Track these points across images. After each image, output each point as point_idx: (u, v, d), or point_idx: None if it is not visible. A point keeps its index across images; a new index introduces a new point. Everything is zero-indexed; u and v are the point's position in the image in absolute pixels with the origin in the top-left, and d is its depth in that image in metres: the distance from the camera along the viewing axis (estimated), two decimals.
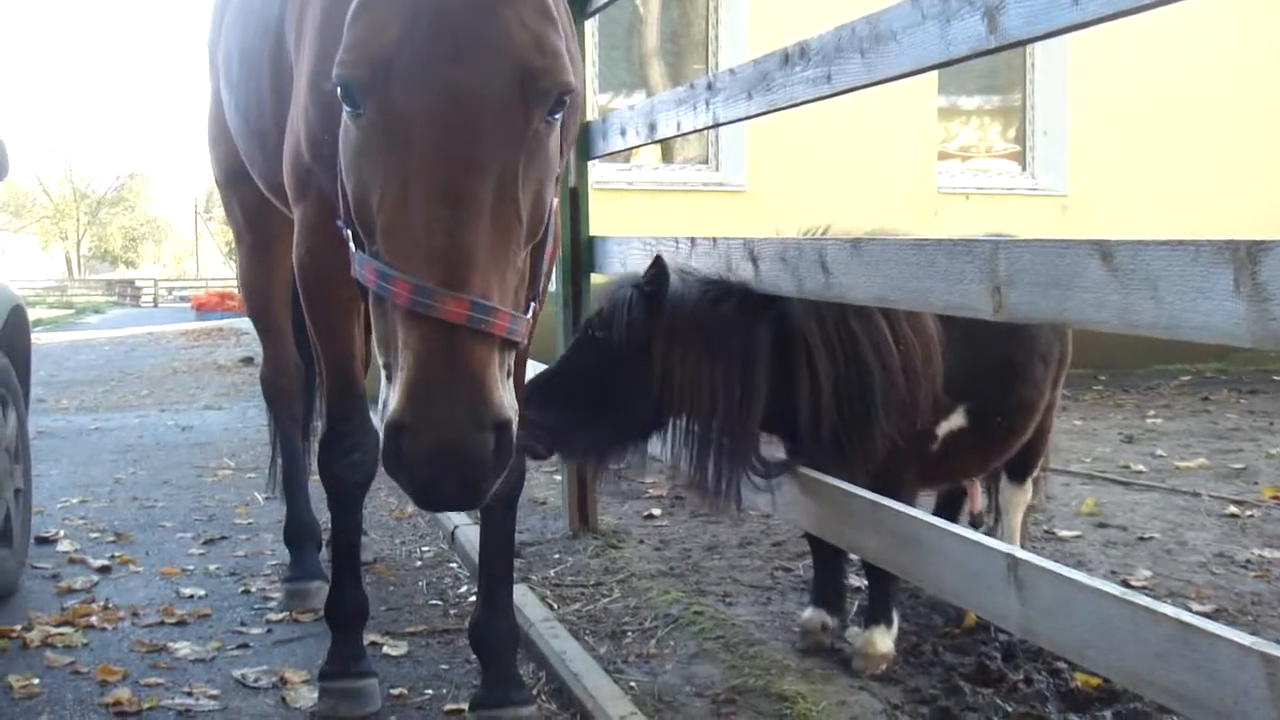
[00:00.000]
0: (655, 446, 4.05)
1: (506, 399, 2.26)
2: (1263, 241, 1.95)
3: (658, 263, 3.83)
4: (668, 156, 12.15)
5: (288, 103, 3.69)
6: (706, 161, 12.07)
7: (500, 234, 2.28)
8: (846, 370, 3.79)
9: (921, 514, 3.25)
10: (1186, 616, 2.28)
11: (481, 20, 2.24)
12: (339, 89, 2.30)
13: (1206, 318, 2.06)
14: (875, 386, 3.79)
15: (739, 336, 3.78)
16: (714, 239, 4.10)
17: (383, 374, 2.36)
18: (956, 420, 4.13)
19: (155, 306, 53.65)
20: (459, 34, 2.22)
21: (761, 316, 3.81)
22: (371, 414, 3.55)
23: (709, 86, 4.19)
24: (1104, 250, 2.30)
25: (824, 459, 3.82)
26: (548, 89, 2.30)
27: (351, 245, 2.41)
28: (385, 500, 7.08)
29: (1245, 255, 1.97)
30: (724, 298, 3.85)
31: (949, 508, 4.98)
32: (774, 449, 4.02)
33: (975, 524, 4.96)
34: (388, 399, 2.26)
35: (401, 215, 2.23)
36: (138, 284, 63.40)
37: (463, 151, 2.22)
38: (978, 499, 5.11)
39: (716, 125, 4.27)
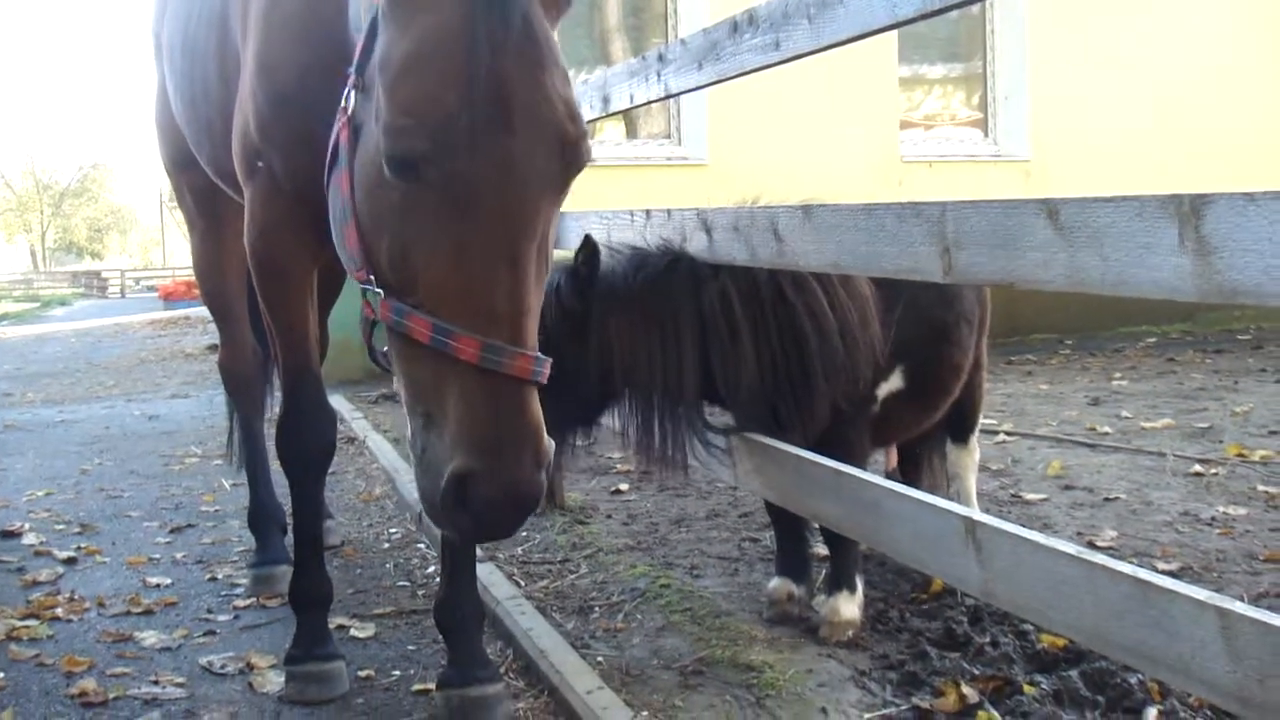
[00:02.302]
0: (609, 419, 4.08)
1: None
2: (1205, 195, 1.94)
3: (587, 242, 3.85)
4: (631, 132, 12.12)
5: (235, 90, 3.67)
6: (669, 136, 12.04)
7: (539, 287, 2.43)
8: (780, 337, 3.83)
9: (880, 479, 3.25)
10: (1143, 574, 2.28)
11: (529, 89, 2.31)
12: (389, 154, 2.30)
13: (1152, 273, 2.05)
14: (812, 352, 3.82)
15: (666, 302, 3.82)
16: (668, 210, 4.08)
17: (415, 419, 2.42)
18: (895, 382, 4.19)
19: (122, 297, 53.27)
20: (511, 103, 2.28)
21: (687, 282, 3.85)
22: (340, 399, 3.52)
23: (660, 58, 4.17)
24: (1050, 209, 2.29)
25: (758, 425, 3.86)
26: (582, 157, 2.41)
27: (380, 291, 2.42)
28: (353, 483, 7.08)
29: (1189, 209, 1.96)
30: (646, 264, 3.89)
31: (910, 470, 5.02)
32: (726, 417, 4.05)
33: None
34: (429, 443, 2.36)
35: (461, 276, 2.30)
36: (104, 275, 62.83)
37: (520, 217, 2.31)
38: (893, 457, 5.16)
39: (669, 96, 4.25)
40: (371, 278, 2.44)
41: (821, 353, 3.83)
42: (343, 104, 2.57)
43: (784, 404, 3.87)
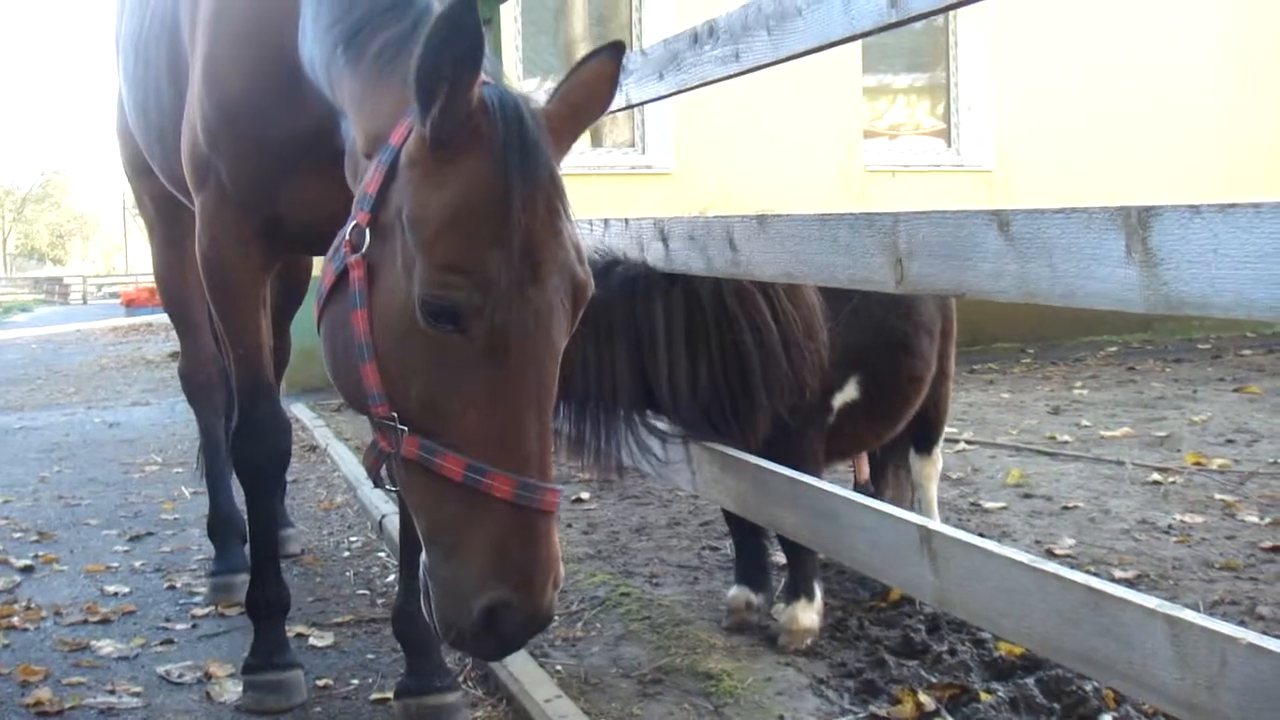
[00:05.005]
0: None
1: None
2: (1153, 207, 1.96)
3: None
4: (596, 140, 12.13)
5: (185, 97, 3.67)
6: (633, 144, 12.06)
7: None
8: (721, 348, 3.84)
9: (838, 489, 3.26)
10: (1095, 582, 2.30)
11: (553, 241, 2.39)
12: (427, 306, 2.33)
13: (1101, 284, 2.07)
14: (753, 364, 3.83)
15: (599, 308, 3.80)
16: (626, 219, 4.09)
17: (434, 549, 2.44)
18: (850, 392, 4.19)
19: (85, 303, 52.99)
20: (540, 256, 2.36)
21: (623, 288, 3.85)
22: (301, 406, 3.51)
23: (621, 67, 4.16)
24: (1001, 220, 2.30)
25: (696, 435, 3.89)
26: (589, 296, 2.51)
27: (404, 429, 2.44)
28: (313, 491, 7.05)
29: (1136, 221, 1.98)
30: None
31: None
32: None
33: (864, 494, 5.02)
34: (451, 573, 2.39)
35: (495, 420, 2.36)
36: (66, 281, 62.56)
37: (547, 362, 2.41)
38: (864, 470, 5.17)
39: (629, 106, 4.26)
40: (394, 415, 2.45)
41: (764, 365, 3.83)
42: (348, 237, 2.56)
43: (722, 415, 3.88)
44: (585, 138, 12.01)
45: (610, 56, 2.73)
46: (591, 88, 2.72)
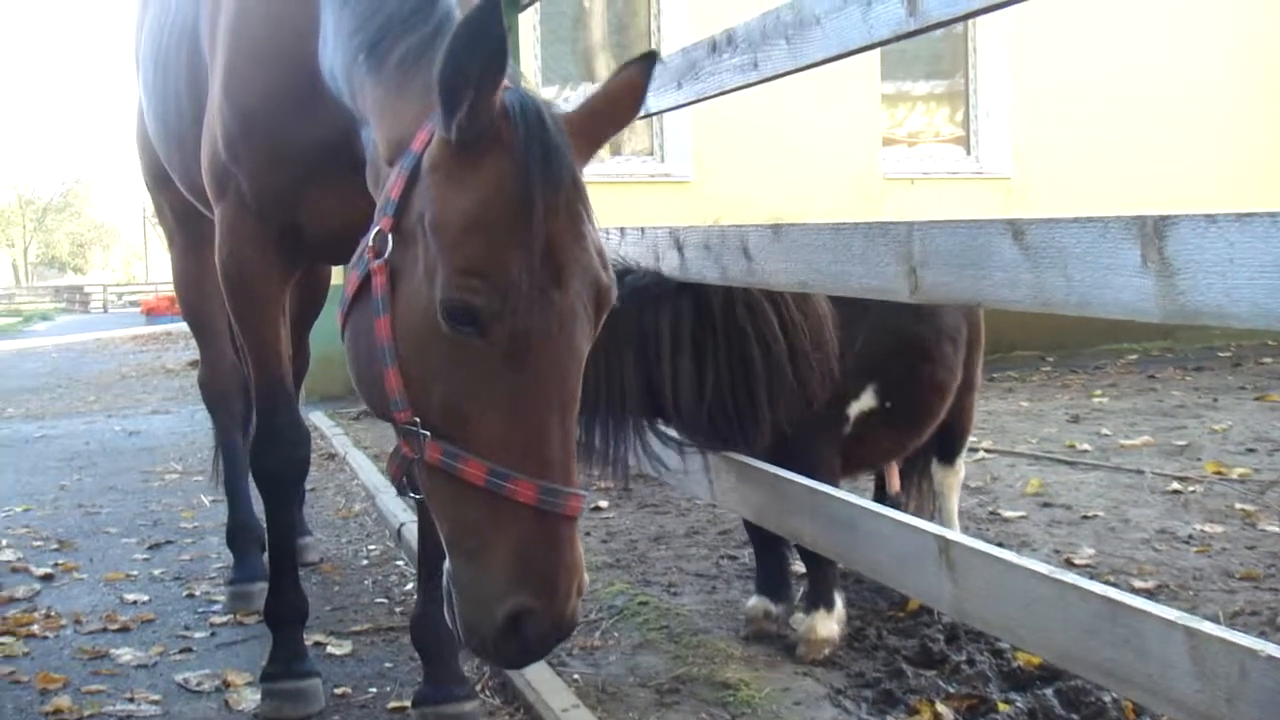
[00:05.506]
0: None
1: None
2: (1169, 216, 1.95)
3: None
4: (615, 149, 12.13)
5: (205, 106, 3.69)
6: (652, 153, 12.07)
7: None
8: (729, 359, 3.84)
9: (856, 498, 3.26)
10: (1113, 593, 2.29)
11: (575, 245, 2.39)
12: (448, 310, 2.33)
13: (1117, 294, 2.06)
14: (758, 375, 3.83)
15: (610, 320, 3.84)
16: (642, 228, 4.09)
17: (457, 555, 2.43)
18: (867, 401, 4.15)
19: (105, 312, 53.23)
20: (563, 260, 2.35)
21: (630, 299, 3.82)
22: (320, 414, 3.52)
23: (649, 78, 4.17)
24: (1016, 229, 2.30)
25: (702, 443, 3.91)
26: (612, 301, 2.50)
27: (427, 434, 2.43)
28: (332, 499, 7.07)
29: (1152, 230, 1.98)
30: None
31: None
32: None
33: (894, 506, 4.99)
34: (475, 579, 2.38)
35: (518, 425, 2.36)
36: (86, 290, 62.83)
37: (570, 367, 2.40)
38: (895, 480, 5.14)
39: (647, 115, 4.26)
40: (416, 419, 2.46)
41: (768, 375, 3.83)
42: (370, 243, 2.55)
43: (727, 424, 3.88)
44: (605, 147, 12.01)
45: (639, 68, 2.72)
46: (616, 97, 2.73)
